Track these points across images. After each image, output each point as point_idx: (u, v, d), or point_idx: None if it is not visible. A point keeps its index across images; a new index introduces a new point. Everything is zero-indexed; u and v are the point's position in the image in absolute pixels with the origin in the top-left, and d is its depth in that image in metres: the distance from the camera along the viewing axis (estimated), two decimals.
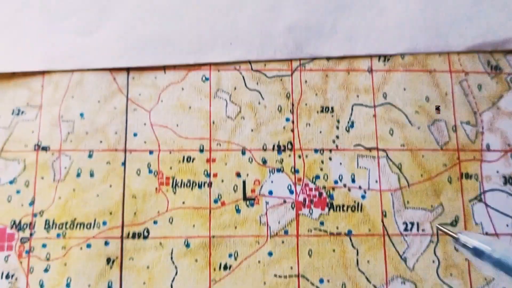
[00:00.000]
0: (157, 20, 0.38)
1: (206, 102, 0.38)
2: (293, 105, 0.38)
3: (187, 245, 0.36)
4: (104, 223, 0.36)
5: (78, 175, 0.37)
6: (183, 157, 0.37)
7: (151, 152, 0.37)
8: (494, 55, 0.40)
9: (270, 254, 0.36)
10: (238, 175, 0.37)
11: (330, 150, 0.38)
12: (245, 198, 0.37)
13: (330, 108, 0.38)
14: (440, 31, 0.39)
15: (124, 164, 0.37)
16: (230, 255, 0.36)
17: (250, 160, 0.37)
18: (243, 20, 0.39)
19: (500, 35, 0.39)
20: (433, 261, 0.36)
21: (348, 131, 0.38)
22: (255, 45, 0.39)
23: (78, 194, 0.36)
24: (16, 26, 0.38)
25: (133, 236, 0.36)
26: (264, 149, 0.37)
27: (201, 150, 0.37)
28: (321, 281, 0.36)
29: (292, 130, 0.38)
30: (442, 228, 0.30)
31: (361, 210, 0.37)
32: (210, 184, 0.37)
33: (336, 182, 0.37)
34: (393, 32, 0.39)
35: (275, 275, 0.36)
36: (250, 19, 0.39)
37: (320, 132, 0.38)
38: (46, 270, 0.35)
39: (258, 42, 0.39)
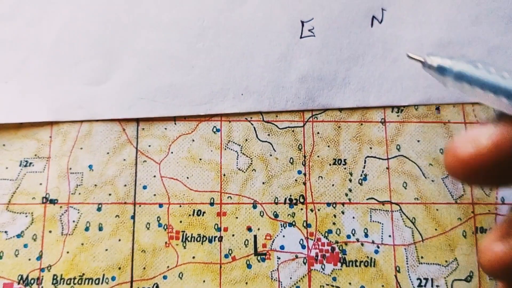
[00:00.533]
0: (167, 70, 0.38)
1: (217, 154, 0.38)
2: (305, 157, 0.38)
3: None
4: (113, 278, 0.36)
5: (87, 229, 0.36)
6: (193, 211, 0.37)
7: (160, 205, 0.37)
8: None
9: None
10: (249, 229, 0.37)
11: (343, 204, 0.37)
12: (256, 253, 0.37)
13: (342, 161, 0.38)
14: None
15: (133, 217, 0.37)
16: None
17: (262, 214, 0.37)
18: (254, 70, 0.39)
19: None
20: None
21: (361, 184, 0.38)
22: (266, 95, 0.39)
23: (86, 249, 0.36)
24: (24, 76, 0.38)
25: None
26: (276, 203, 0.37)
27: (212, 204, 0.37)
28: None
29: (304, 183, 0.38)
30: (411, 55, 0.31)
31: (374, 265, 0.37)
32: (220, 239, 0.37)
33: (349, 236, 0.37)
34: (407, 83, 0.39)
35: None
36: (261, 70, 0.39)
37: (333, 185, 0.38)
38: None
39: (269, 92, 0.39)
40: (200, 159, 0.38)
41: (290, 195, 0.38)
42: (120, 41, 0.39)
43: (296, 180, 0.38)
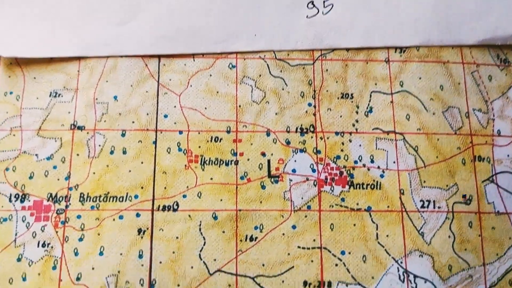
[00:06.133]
0: (186, 12, 0.48)
1: (232, 87, 0.47)
2: (314, 91, 0.48)
3: (215, 218, 0.44)
4: (136, 196, 0.44)
5: (112, 152, 0.45)
6: (211, 137, 0.46)
7: (180, 132, 0.46)
8: (503, 49, 0.49)
9: (293, 227, 0.44)
10: (263, 154, 0.46)
11: (350, 133, 0.47)
12: (269, 175, 0.45)
13: (349, 95, 0.48)
14: (451, 25, 0.49)
15: (155, 142, 0.46)
16: (255, 228, 0.44)
17: (275, 141, 0.46)
18: (266, 13, 0.48)
19: (509, 30, 0.49)
20: (449, 236, 0.44)
21: (367, 115, 0.47)
22: (277, 37, 0.48)
23: (111, 170, 0.45)
24: (55, 14, 0.47)
25: (163, 208, 0.44)
26: (288, 131, 0.46)
27: (228, 131, 0.46)
28: (343, 253, 0.44)
29: (314, 114, 0.47)
30: None
31: (380, 188, 0.45)
32: (236, 162, 0.46)
33: (356, 162, 0.46)
34: (408, 26, 0.49)
35: (299, 247, 0.44)
36: (273, 12, 0.48)
37: (341, 116, 0.47)
38: (80, 239, 0.43)
39: (280, 34, 0.48)
40: (217, 92, 0.47)
41: (301, 125, 0.47)
42: None
43: (306, 111, 0.47)
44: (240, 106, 0.46)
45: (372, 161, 0.45)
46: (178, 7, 0.47)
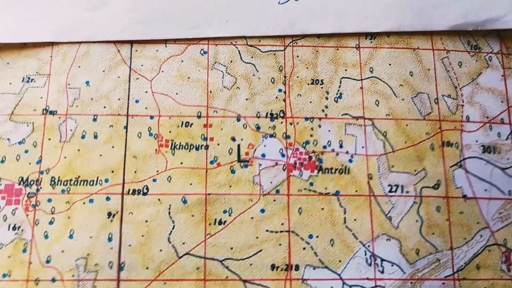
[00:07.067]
0: None
1: (204, 73, 0.48)
2: (285, 77, 0.48)
3: (184, 202, 0.45)
4: (106, 180, 0.45)
5: (83, 136, 0.46)
6: (182, 122, 0.47)
7: (151, 117, 0.47)
8: (474, 36, 0.50)
9: (262, 211, 0.45)
10: (233, 139, 0.46)
11: (320, 119, 0.47)
12: (239, 160, 0.46)
13: (320, 81, 0.48)
14: (424, 11, 0.49)
15: (126, 127, 0.46)
16: (224, 211, 0.45)
17: (245, 126, 0.47)
18: None
19: (480, 16, 0.49)
20: (417, 221, 0.45)
21: (336, 101, 0.48)
22: (250, 22, 0.49)
23: (82, 154, 0.45)
24: (27, 1, 0.48)
25: (133, 192, 0.45)
26: (258, 117, 0.47)
27: (199, 116, 0.47)
28: (310, 236, 0.44)
29: (284, 100, 0.48)
30: None
31: (348, 172, 0.46)
32: (206, 147, 0.46)
33: (325, 147, 0.47)
34: (380, 11, 0.49)
35: (267, 230, 0.44)
36: None
37: (311, 102, 0.47)
38: (50, 223, 0.44)
39: (253, 19, 0.49)
40: (189, 78, 0.48)
41: (271, 110, 0.47)
42: None
43: (276, 97, 0.48)
44: (211, 91, 0.46)
45: (341, 146, 0.46)
46: None
